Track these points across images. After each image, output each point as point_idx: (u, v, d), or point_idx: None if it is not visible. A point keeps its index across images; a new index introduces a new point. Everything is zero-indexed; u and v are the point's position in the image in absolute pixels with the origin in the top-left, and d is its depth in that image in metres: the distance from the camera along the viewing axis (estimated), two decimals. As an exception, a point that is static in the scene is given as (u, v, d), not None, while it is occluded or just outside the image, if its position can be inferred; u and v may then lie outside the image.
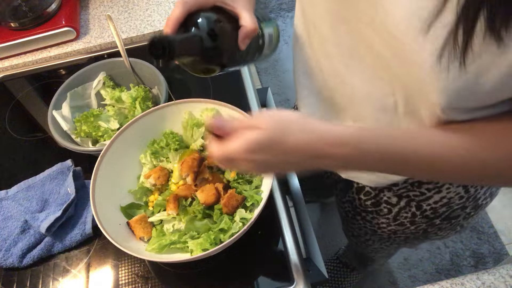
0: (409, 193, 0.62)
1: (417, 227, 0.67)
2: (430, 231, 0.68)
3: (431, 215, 0.64)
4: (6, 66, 1.00)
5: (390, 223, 0.68)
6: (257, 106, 0.84)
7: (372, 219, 0.71)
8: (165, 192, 0.67)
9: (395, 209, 0.65)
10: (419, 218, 0.65)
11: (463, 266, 1.47)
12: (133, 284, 0.64)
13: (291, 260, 0.64)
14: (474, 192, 0.60)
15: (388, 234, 0.72)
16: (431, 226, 0.66)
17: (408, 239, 0.73)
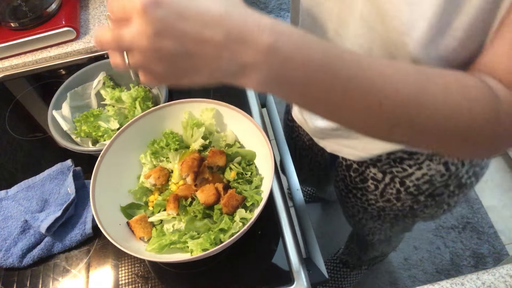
0: (392, 169, 0.63)
1: (403, 203, 0.68)
2: (416, 209, 0.69)
3: (414, 192, 0.65)
4: (6, 66, 1.00)
5: (378, 199, 0.70)
6: (257, 106, 0.84)
7: (362, 196, 0.72)
8: (165, 192, 0.67)
9: (381, 185, 0.66)
10: (403, 195, 0.66)
11: (463, 266, 1.47)
12: (133, 284, 0.64)
13: (291, 260, 0.64)
14: (455, 170, 0.61)
15: (377, 211, 0.73)
16: (417, 203, 0.67)
17: (398, 217, 0.73)
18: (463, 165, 0.61)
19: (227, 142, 0.71)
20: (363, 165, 0.67)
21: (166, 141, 0.69)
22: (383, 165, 0.64)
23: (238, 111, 0.68)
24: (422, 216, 0.73)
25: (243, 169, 0.68)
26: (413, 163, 0.61)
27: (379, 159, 0.63)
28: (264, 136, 0.64)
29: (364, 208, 0.75)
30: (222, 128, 0.73)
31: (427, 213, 0.71)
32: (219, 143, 0.71)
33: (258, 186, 0.66)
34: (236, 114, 0.69)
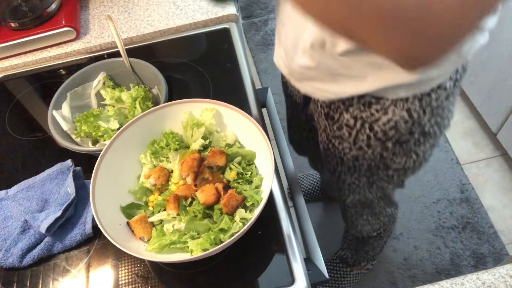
0: (362, 114, 0.68)
1: (373, 151, 0.73)
2: (386, 157, 0.74)
3: (382, 138, 0.70)
4: (6, 66, 1.00)
5: (352, 147, 0.75)
6: (257, 106, 0.84)
7: (339, 145, 0.77)
8: (165, 192, 0.67)
9: (353, 132, 0.72)
10: (373, 141, 0.71)
11: (463, 266, 1.47)
12: (133, 284, 0.64)
13: (291, 260, 0.64)
14: (417, 118, 0.66)
15: (352, 161, 0.78)
16: (386, 150, 0.72)
17: (372, 168, 0.78)
18: (425, 113, 0.66)
19: (227, 142, 0.71)
20: (337, 111, 0.72)
21: (166, 141, 0.69)
22: (354, 110, 0.69)
23: (238, 111, 0.68)
24: (394, 168, 0.77)
25: (243, 169, 0.68)
26: (379, 107, 0.66)
27: (350, 103, 0.68)
28: (264, 136, 0.64)
29: (341, 159, 0.79)
30: (222, 128, 0.73)
31: (397, 162, 0.75)
32: (219, 143, 0.71)
33: (258, 186, 0.66)
34: (236, 114, 0.69)
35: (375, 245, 1.23)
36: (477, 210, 1.59)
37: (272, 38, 2.26)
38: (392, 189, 0.93)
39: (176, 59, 0.96)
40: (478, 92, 1.70)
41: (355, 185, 0.86)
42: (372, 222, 1.06)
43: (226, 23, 1.01)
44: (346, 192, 0.91)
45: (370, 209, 1.00)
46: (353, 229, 1.12)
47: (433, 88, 0.64)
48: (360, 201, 0.95)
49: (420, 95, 0.64)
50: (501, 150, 1.72)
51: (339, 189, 0.92)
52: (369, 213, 1.01)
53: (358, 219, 1.05)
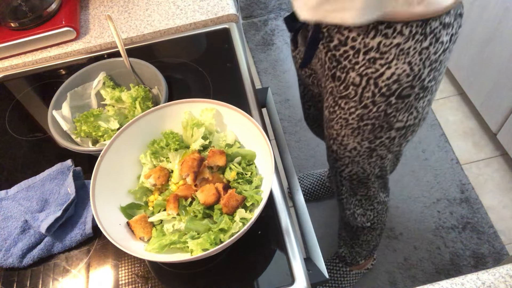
0: (367, 70, 0.71)
1: (378, 107, 0.76)
2: (389, 113, 0.77)
3: (386, 93, 0.73)
4: (6, 66, 1.01)
5: (357, 106, 0.77)
6: (257, 106, 0.84)
7: (345, 105, 0.79)
8: (165, 192, 0.67)
9: (359, 90, 0.75)
10: (378, 97, 0.74)
11: (463, 266, 1.47)
12: (133, 284, 0.64)
13: (291, 260, 0.64)
14: (418, 72, 0.71)
15: (357, 122, 0.80)
16: (389, 106, 0.75)
17: (375, 129, 0.81)
18: (424, 66, 0.71)
19: (227, 142, 0.71)
20: (344, 70, 0.75)
21: (166, 141, 0.69)
22: (360, 67, 0.72)
23: (238, 111, 0.68)
24: (396, 127, 0.80)
25: (243, 169, 0.68)
26: (383, 62, 0.70)
27: (357, 61, 0.71)
28: (264, 136, 0.64)
29: (346, 120, 0.81)
30: (222, 128, 0.73)
31: (400, 120, 0.79)
32: (219, 143, 0.71)
33: (258, 186, 0.66)
34: (236, 114, 0.69)
35: (369, 238, 1.23)
36: (477, 210, 1.59)
37: (272, 38, 2.26)
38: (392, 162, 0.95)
39: (176, 59, 0.96)
40: (478, 92, 1.70)
41: (356, 151, 0.88)
42: (366, 207, 1.07)
43: (226, 23, 1.01)
44: (345, 160, 0.92)
45: (365, 188, 1.01)
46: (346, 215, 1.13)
47: (431, 42, 0.68)
48: (357, 175, 0.96)
49: (419, 47, 0.68)
50: (501, 150, 1.72)
51: (340, 157, 0.93)
52: (363, 194, 1.02)
53: (351, 199, 1.06)
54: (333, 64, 0.76)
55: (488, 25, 1.52)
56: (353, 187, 1.02)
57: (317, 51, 0.80)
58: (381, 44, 0.68)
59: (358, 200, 1.06)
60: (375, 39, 0.68)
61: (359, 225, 1.16)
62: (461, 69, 1.79)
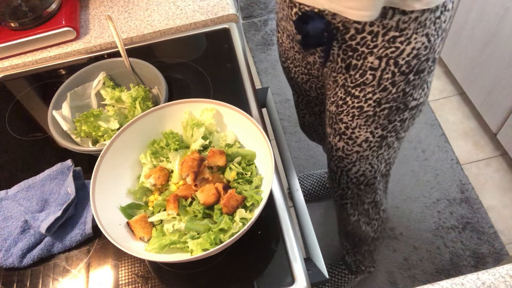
0: (387, 51, 0.71)
1: (397, 88, 0.76)
2: (407, 92, 0.77)
3: (406, 70, 0.73)
4: (6, 66, 1.00)
5: (375, 90, 0.77)
6: (257, 106, 0.84)
7: (360, 92, 0.78)
8: (165, 192, 0.67)
9: (378, 73, 0.74)
10: (398, 76, 0.74)
11: (463, 266, 1.47)
12: (133, 284, 0.65)
13: (291, 260, 0.64)
14: (433, 41, 0.72)
15: (373, 108, 0.79)
16: (408, 83, 0.76)
17: (390, 113, 0.80)
18: (437, 36, 0.72)
19: (227, 142, 0.71)
20: (361, 57, 0.74)
21: (166, 141, 0.70)
22: (379, 49, 0.71)
23: (238, 111, 0.68)
24: (411, 106, 0.80)
25: (243, 169, 0.68)
26: (403, 39, 0.69)
27: (375, 44, 0.71)
28: (264, 136, 0.64)
29: (361, 108, 0.80)
30: (222, 128, 0.73)
31: (415, 98, 0.79)
32: (219, 143, 0.71)
33: (258, 186, 0.66)
34: (236, 114, 0.69)
35: (371, 248, 1.22)
36: (477, 210, 1.59)
37: (272, 38, 2.26)
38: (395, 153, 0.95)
39: (176, 59, 0.96)
40: (478, 92, 1.70)
41: (367, 143, 0.87)
42: (372, 216, 1.06)
43: (226, 23, 1.01)
44: (353, 157, 0.91)
45: (372, 193, 0.99)
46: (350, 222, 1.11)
47: (441, 10, 0.69)
48: (364, 175, 0.95)
49: (434, 17, 0.69)
50: (501, 150, 1.72)
51: (347, 155, 0.92)
52: (370, 201, 1.01)
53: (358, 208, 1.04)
54: (348, 54, 0.75)
55: (488, 25, 1.52)
56: (360, 194, 1.00)
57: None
58: (400, 21, 0.67)
59: (365, 210, 1.04)
60: (393, 18, 0.67)
61: (363, 235, 1.13)
62: (461, 69, 1.79)
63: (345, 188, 1.02)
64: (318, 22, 0.73)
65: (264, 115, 0.86)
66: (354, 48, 0.73)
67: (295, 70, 0.96)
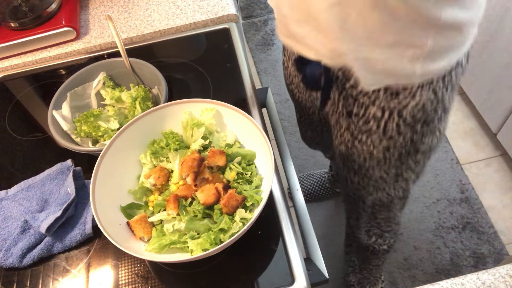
0: (389, 104, 0.68)
1: (404, 137, 0.73)
2: (416, 140, 0.74)
3: (412, 122, 0.70)
4: (6, 66, 1.00)
5: (382, 138, 0.74)
6: (257, 106, 0.84)
7: (367, 139, 0.76)
8: (165, 192, 0.67)
9: (382, 122, 0.71)
10: (403, 127, 0.71)
11: (463, 266, 1.47)
12: (133, 284, 0.64)
13: (291, 260, 0.64)
14: (441, 96, 0.68)
15: (383, 153, 0.77)
16: (415, 133, 0.73)
17: (402, 156, 0.78)
18: (447, 90, 0.69)
19: (227, 142, 0.71)
20: (362, 106, 0.71)
21: (166, 141, 0.70)
22: (381, 102, 0.69)
23: (238, 111, 0.68)
24: (422, 151, 0.78)
25: (243, 169, 0.68)
26: (407, 93, 0.66)
27: (376, 96, 0.68)
28: (264, 136, 0.64)
29: (370, 153, 0.78)
30: (222, 128, 0.73)
31: (425, 143, 0.76)
32: (219, 143, 0.71)
33: (258, 186, 0.66)
34: (236, 114, 0.69)
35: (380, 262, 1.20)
36: (477, 210, 1.59)
37: (272, 38, 2.26)
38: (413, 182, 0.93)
39: (176, 59, 0.96)
40: (478, 92, 1.70)
41: (382, 179, 0.85)
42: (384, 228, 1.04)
43: (226, 23, 1.01)
44: (370, 189, 0.89)
45: (387, 211, 0.98)
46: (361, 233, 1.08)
47: (452, 67, 0.67)
48: (381, 201, 0.93)
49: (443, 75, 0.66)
50: (501, 150, 1.72)
51: (363, 187, 0.90)
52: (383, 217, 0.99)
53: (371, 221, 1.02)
54: (349, 101, 0.72)
55: (488, 25, 1.52)
56: (374, 212, 0.99)
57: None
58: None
59: (377, 223, 1.02)
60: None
61: (374, 247, 1.11)
62: (461, 69, 1.78)
63: (360, 210, 1.01)
64: (315, 66, 0.71)
65: (264, 115, 0.86)
66: (355, 98, 0.71)
67: (299, 95, 0.94)
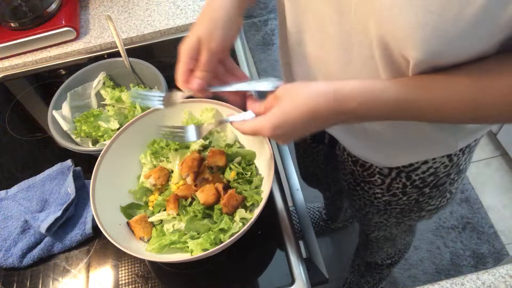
0: (398, 164, 0.65)
1: (409, 197, 0.70)
2: (421, 201, 0.71)
3: (420, 185, 0.67)
4: (6, 66, 1.00)
5: (384, 193, 0.71)
6: (257, 106, 0.84)
7: (369, 189, 0.73)
8: (165, 192, 0.67)
9: (387, 179, 0.68)
10: (409, 188, 0.68)
11: (463, 266, 1.47)
12: (133, 284, 0.64)
13: (291, 260, 0.64)
14: (456, 160, 0.65)
15: (383, 205, 0.75)
16: (422, 195, 0.69)
17: (404, 211, 0.75)
18: (464, 153, 0.65)
19: (227, 142, 0.71)
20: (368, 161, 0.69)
21: (166, 141, 0.69)
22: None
23: (238, 111, 0.68)
24: (427, 209, 0.74)
25: (243, 169, 0.68)
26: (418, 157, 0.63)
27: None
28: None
29: (371, 201, 0.76)
30: (222, 128, 0.73)
31: (432, 204, 0.73)
32: (219, 143, 0.71)
33: (258, 186, 0.66)
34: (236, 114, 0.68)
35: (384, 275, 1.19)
36: (477, 210, 1.58)
37: (272, 38, 2.26)
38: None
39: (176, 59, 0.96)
40: (478, 92, 1.70)
41: (382, 224, 0.83)
42: (389, 252, 1.04)
43: (226, 23, 1.00)
44: (371, 228, 0.88)
45: (392, 242, 0.97)
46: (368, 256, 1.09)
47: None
48: (384, 236, 0.92)
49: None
50: (501, 150, 1.72)
51: (364, 224, 0.89)
52: (390, 245, 0.99)
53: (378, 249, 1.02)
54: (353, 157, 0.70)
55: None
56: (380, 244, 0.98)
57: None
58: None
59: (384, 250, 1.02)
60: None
61: (377, 262, 1.10)
62: (461, 69, 1.78)
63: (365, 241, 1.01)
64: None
65: (264, 115, 0.86)
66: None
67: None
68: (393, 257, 1.09)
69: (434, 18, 0.37)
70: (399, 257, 1.11)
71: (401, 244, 1.03)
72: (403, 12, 0.38)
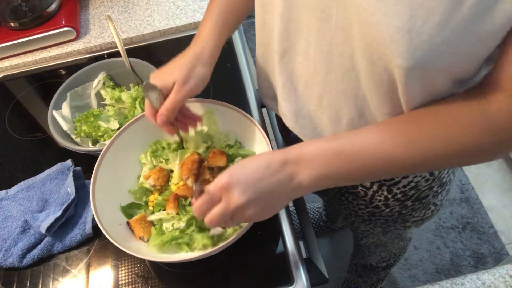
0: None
1: (392, 209, 0.70)
2: (404, 213, 0.71)
3: (402, 198, 0.67)
4: (6, 66, 1.00)
5: (368, 205, 0.72)
6: (257, 106, 0.84)
7: (353, 200, 0.74)
8: (165, 192, 0.67)
9: (369, 192, 0.69)
10: (391, 201, 0.68)
11: (463, 266, 1.47)
12: (133, 284, 0.64)
13: (291, 260, 0.64)
14: (438, 174, 0.65)
15: (368, 216, 0.75)
16: (404, 208, 0.70)
17: (388, 222, 0.75)
18: (445, 168, 0.65)
19: (227, 142, 0.71)
20: None
21: (167, 141, 0.69)
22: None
23: (238, 111, 0.68)
24: (412, 220, 0.74)
25: (243, 169, 0.68)
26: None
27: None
28: (264, 136, 0.64)
29: (355, 212, 0.76)
30: (223, 128, 0.73)
31: (416, 216, 0.73)
32: (219, 143, 0.71)
33: (258, 186, 0.66)
34: (236, 114, 0.69)
35: (381, 276, 1.20)
36: (477, 210, 1.59)
37: (272, 38, 2.25)
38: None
39: (176, 59, 0.96)
40: (478, 92, 1.70)
41: (368, 232, 0.84)
42: (383, 256, 1.04)
43: (226, 23, 1.00)
44: (360, 235, 0.89)
45: (383, 247, 0.98)
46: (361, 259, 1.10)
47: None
48: (374, 243, 0.93)
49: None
50: (501, 150, 1.72)
51: (353, 231, 0.90)
52: (382, 250, 0.99)
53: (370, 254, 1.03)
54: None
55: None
56: (371, 249, 0.98)
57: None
58: None
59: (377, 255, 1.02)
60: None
61: (372, 264, 1.11)
62: (461, 69, 1.78)
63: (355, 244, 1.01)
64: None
65: (264, 115, 0.86)
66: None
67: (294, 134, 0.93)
68: (388, 260, 1.09)
69: (418, 24, 0.36)
70: (395, 260, 1.11)
71: (395, 248, 1.03)
72: (387, 17, 0.37)
